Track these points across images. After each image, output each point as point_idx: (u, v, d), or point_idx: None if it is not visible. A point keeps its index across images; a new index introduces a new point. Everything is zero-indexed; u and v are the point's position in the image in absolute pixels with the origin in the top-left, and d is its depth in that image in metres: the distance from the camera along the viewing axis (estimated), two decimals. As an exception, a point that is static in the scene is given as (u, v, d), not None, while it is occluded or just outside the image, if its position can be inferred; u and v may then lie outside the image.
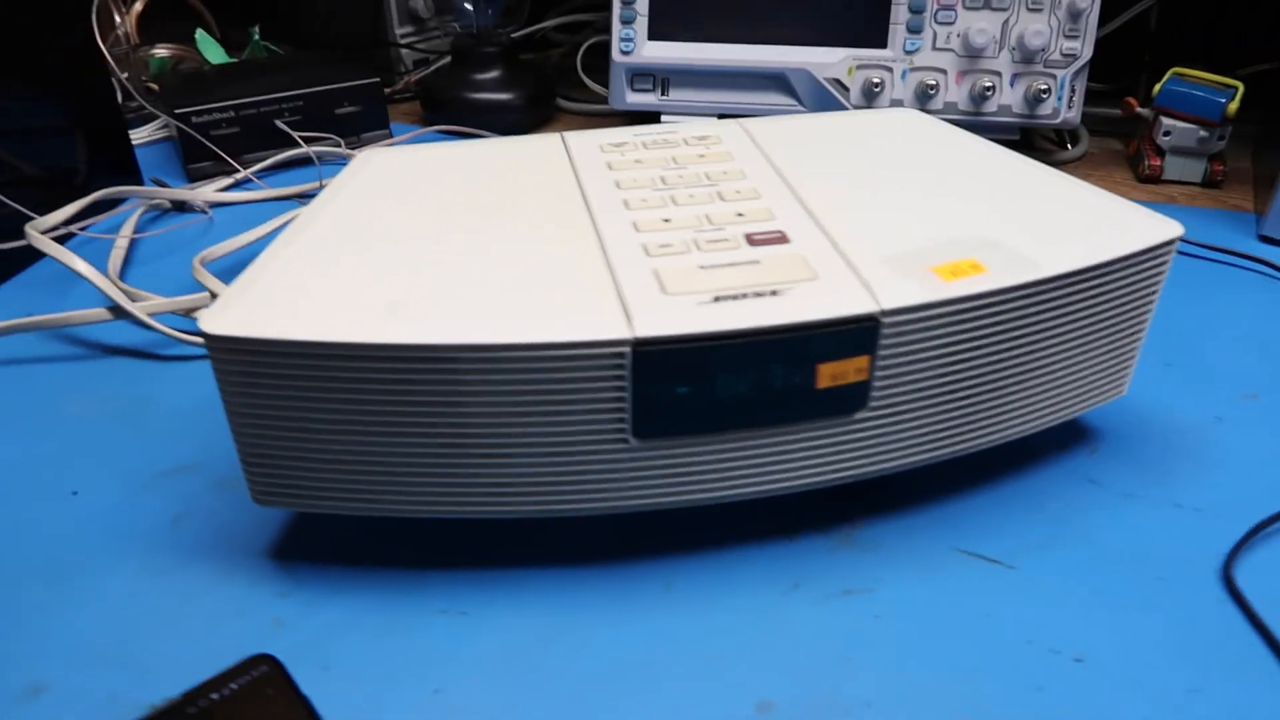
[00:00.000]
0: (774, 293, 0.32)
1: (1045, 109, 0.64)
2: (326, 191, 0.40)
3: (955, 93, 0.64)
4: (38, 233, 0.48)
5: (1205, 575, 0.35)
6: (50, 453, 0.42)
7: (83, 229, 0.57)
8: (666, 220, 0.37)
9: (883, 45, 0.64)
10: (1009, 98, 0.64)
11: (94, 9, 0.67)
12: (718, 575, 0.36)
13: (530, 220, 0.37)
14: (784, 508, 0.38)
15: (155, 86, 0.74)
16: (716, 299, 0.32)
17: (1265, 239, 0.58)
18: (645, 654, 0.33)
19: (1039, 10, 0.61)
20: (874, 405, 0.34)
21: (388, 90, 0.81)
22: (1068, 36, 0.62)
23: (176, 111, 0.64)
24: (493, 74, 0.74)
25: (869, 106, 0.66)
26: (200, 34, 0.74)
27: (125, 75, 0.71)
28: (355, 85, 0.68)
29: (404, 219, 0.37)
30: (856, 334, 0.32)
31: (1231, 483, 0.40)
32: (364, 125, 0.70)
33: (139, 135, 0.71)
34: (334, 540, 0.37)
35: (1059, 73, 0.63)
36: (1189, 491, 0.39)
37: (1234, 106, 0.62)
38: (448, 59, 0.78)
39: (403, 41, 0.80)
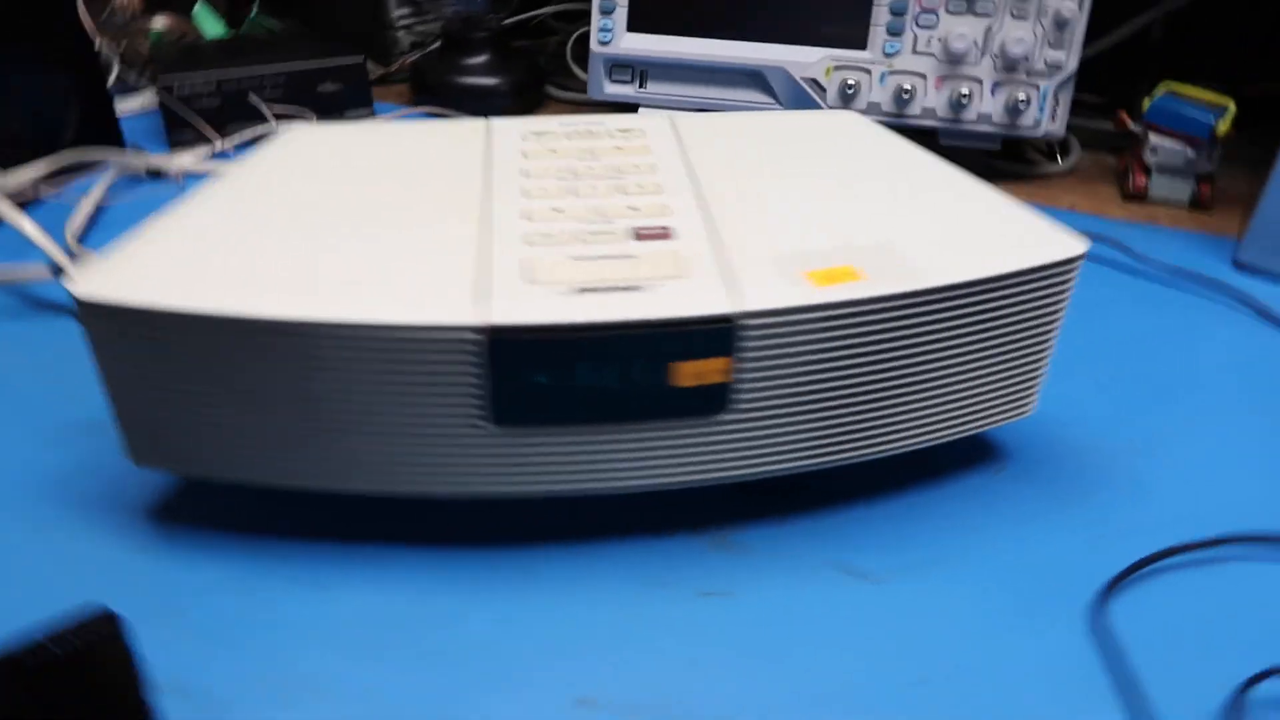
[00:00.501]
0: (638, 288, 0.32)
1: (1026, 120, 0.62)
2: (241, 163, 0.41)
3: (934, 98, 0.63)
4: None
5: (1077, 608, 0.34)
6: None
7: (56, 192, 0.59)
8: (558, 210, 0.36)
9: (862, 47, 0.63)
10: (989, 106, 0.62)
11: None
12: (582, 567, 0.35)
13: (425, 203, 0.37)
14: (661, 505, 0.38)
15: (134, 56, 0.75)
16: (579, 291, 0.32)
17: (1240, 265, 0.56)
18: (490, 638, 0.32)
19: (1023, 18, 0.60)
20: (738, 408, 0.33)
21: (384, 71, 0.82)
22: (1052, 46, 0.60)
23: (160, 83, 0.65)
24: (481, 59, 0.74)
25: (843, 107, 0.64)
26: (199, 8, 0.76)
27: (123, 45, 0.73)
28: (338, 64, 0.69)
29: (303, 194, 0.38)
30: (714, 334, 0.31)
31: (1140, 514, 0.38)
32: (347, 103, 0.71)
33: (131, 105, 0.72)
34: (215, 506, 0.38)
35: (1042, 83, 0.61)
36: (1091, 520, 0.38)
37: (1224, 126, 0.60)
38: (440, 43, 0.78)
39: (399, 23, 0.80)
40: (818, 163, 0.41)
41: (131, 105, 0.72)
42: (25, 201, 0.58)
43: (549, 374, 0.31)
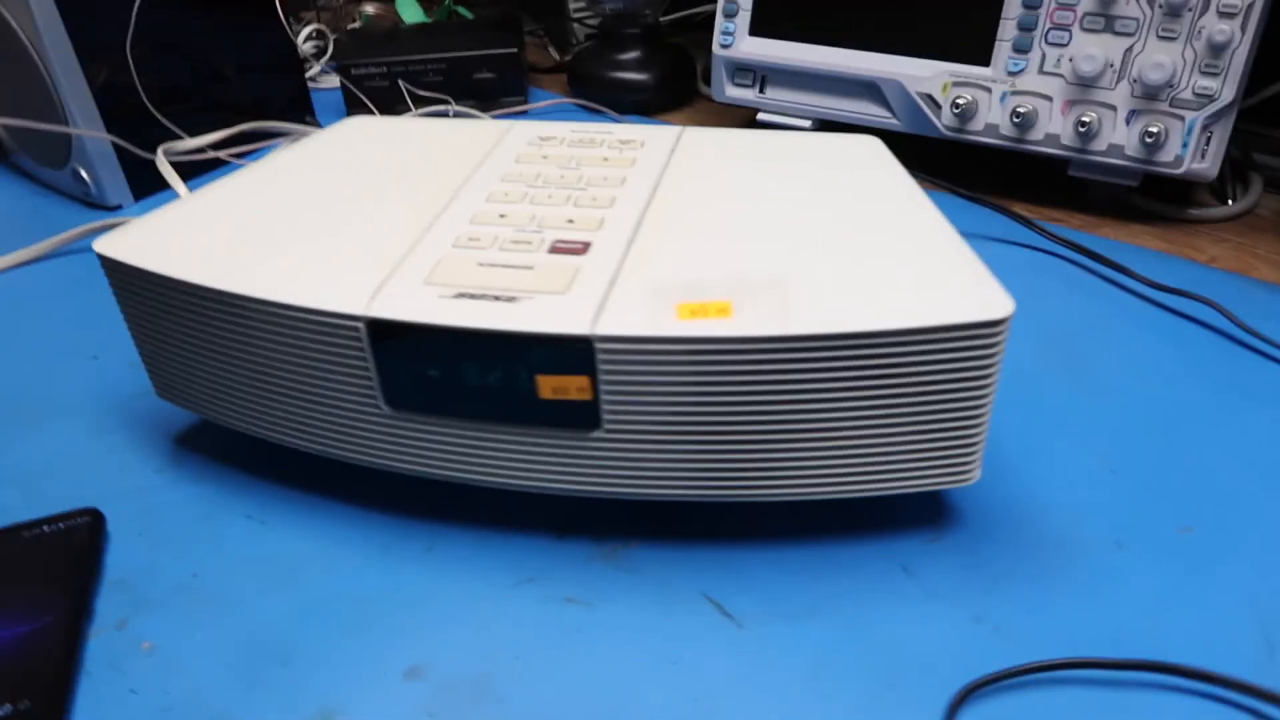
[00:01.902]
0: (512, 299, 0.34)
1: (1165, 155, 0.54)
2: (295, 145, 0.47)
3: (1059, 124, 0.57)
4: (164, 155, 0.60)
5: (935, 703, 0.31)
6: (95, 324, 0.54)
7: (237, 157, 0.69)
8: (502, 216, 0.39)
9: (984, 63, 0.58)
10: (1122, 137, 0.55)
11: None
12: (476, 551, 0.38)
13: (403, 199, 0.41)
14: (570, 508, 0.39)
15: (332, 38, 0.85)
16: (458, 295, 0.34)
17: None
18: (362, 598, 0.36)
19: (1171, 39, 0.52)
20: (609, 427, 0.34)
21: (559, 60, 0.86)
22: (1204, 73, 0.52)
23: (340, 64, 0.74)
24: (631, 54, 0.77)
25: (961, 129, 0.60)
26: (399, -4, 0.85)
27: (335, 26, 0.83)
28: (493, 54, 0.75)
29: (313, 182, 0.43)
30: (568, 353, 0.32)
31: (1073, 616, 0.34)
32: (501, 91, 0.77)
33: (333, 82, 0.83)
34: (217, 439, 0.45)
35: (1188, 115, 0.53)
36: (1008, 611, 0.35)
37: None
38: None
39: (575, 14, 0.85)
40: (790, 192, 0.40)
41: (334, 82, 0.83)
42: (212, 164, 0.69)
43: (423, 368, 0.34)
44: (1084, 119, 0.55)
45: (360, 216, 0.40)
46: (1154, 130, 0.53)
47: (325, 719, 0.32)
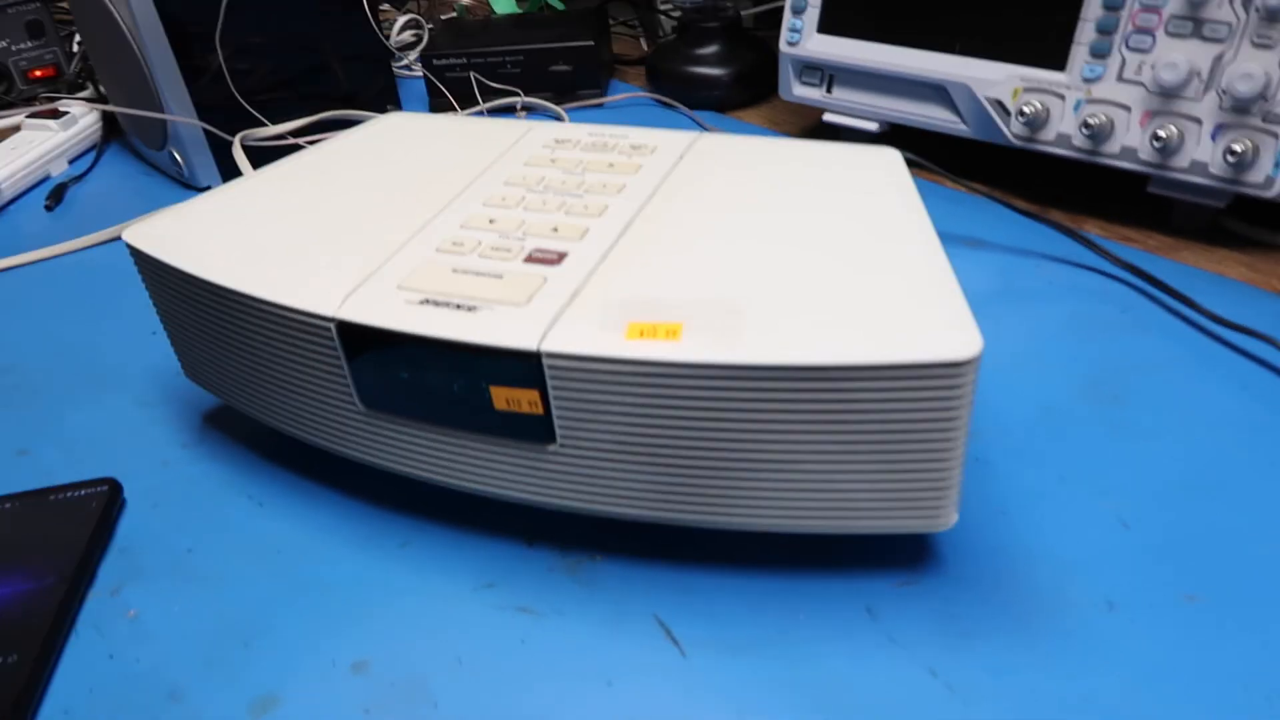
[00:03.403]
0: (473, 309, 0.34)
1: (1254, 175, 0.49)
2: (329, 142, 0.48)
3: (1137, 136, 0.52)
4: (241, 142, 0.64)
5: (864, 751, 0.30)
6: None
7: (314, 145, 0.72)
8: (491, 221, 0.39)
9: (1059, 67, 0.54)
10: (1206, 153, 0.50)
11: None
12: (447, 553, 0.39)
13: (412, 197, 0.42)
14: (539, 516, 0.40)
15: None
16: (423, 301, 0.34)
17: None
18: (330, 586, 0.37)
19: (1267, 47, 0.47)
20: (563, 442, 0.34)
21: (644, 53, 0.86)
22: (1305, 85, 0.47)
23: (424, 55, 0.76)
24: (709, 49, 0.76)
25: (1031, 138, 0.56)
26: (490, -14, 0.86)
27: (430, 19, 0.85)
28: (570, 47, 0.75)
29: (341, 176, 0.44)
30: (518, 366, 0.32)
31: (1042, 681, 0.32)
32: (578, 84, 0.77)
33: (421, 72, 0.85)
34: (242, 422, 0.47)
35: (1284, 131, 0.48)
36: (969, 669, 0.32)
37: None
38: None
39: (661, 7, 0.84)
40: (784, 207, 0.38)
41: (417, 73, 0.85)
42: (292, 151, 0.73)
43: (392, 371, 0.35)
44: (1163, 132, 0.50)
45: (364, 216, 0.41)
46: (1239, 148, 0.48)
47: (265, 704, 0.33)
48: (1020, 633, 0.33)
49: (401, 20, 0.87)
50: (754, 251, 0.36)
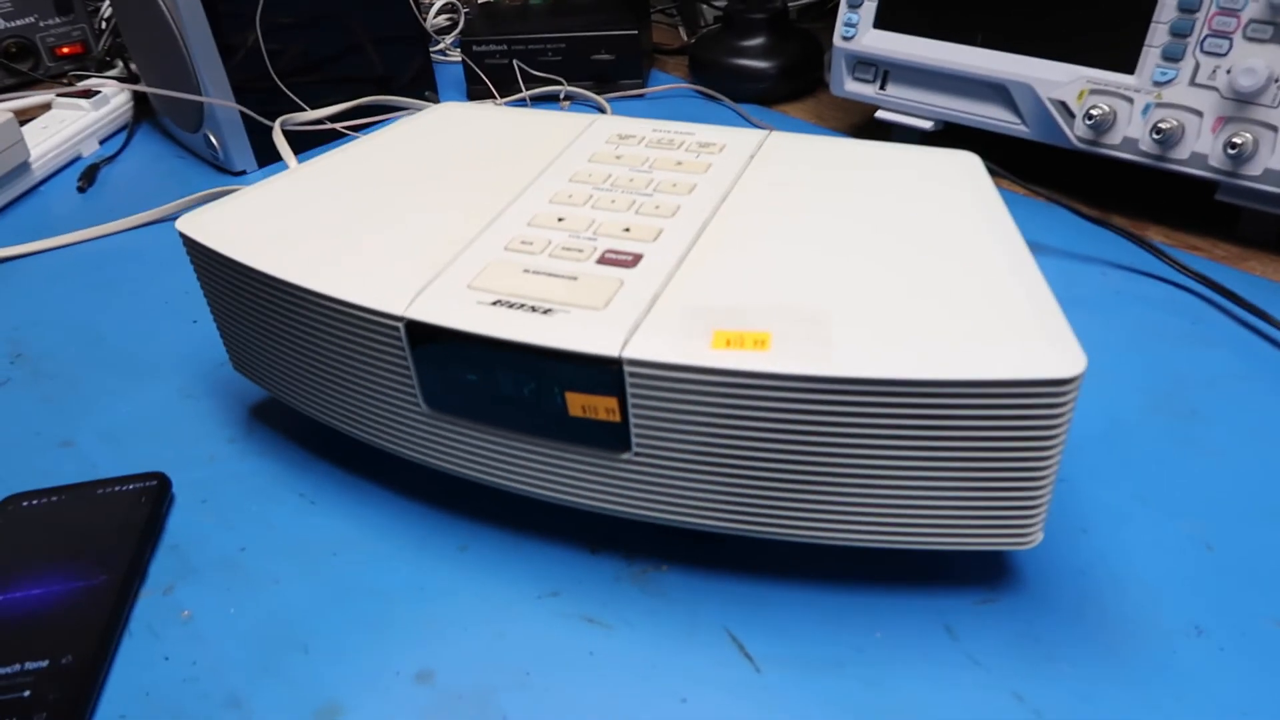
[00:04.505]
0: (548, 311, 0.33)
1: (1331, 185, 0.48)
2: (382, 132, 0.47)
3: (1208, 143, 0.51)
4: (281, 126, 0.62)
5: (952, 781, 0.29)
6: (199, 288, 0.56)
7: (354, 130, 0.71)
8: (560, 220, 0.38)
9: (1128, 70, 0.53)
10: (1281, 161, 0.49)
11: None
12: (508, 557, 0.38)
13: (468, 196, 0.41)
14: (604, 523, 0.39)
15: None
16: (496, 302, 0.33)
17: None
18: (389, 592, 0.36)
19: (1351, 53, 0.46)
20: (639, 450, 0.33)
21: (684, 43, 0.84)
22: (1389, 94, 0.45)
23: (464, 40, 0.75)
24: (756, 41, 0.74)
25: (1095, 141, 0.55)
26: (529, -28, 0.85)
27: (466, 3, 0.84)
28: (612, 35, 0.74)
29: (396, 167, 0.43)
30: (597, 373, 0.31)
31: (1131, 708, 0.31)
32: (619, 73, 0.76)
33: (459, 58, 0.84)
34: (290, 417, 0.46)
35: (1364, 141, 0.47)
36: (1055, 693, 0.31)
37: None
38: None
39: (704, -2, 0.82)
40: (864, 213, 0.37)
41: (459, 59, 0.84)
42: (330, 136, 0.71)
43: (460, 372, 0.34)
44: (1237, 139, 0.49)
45: (424, 211, 0.39)
46: (1319, 157, 0.47)
47: (331, 714, 0.32)
48: (1106, 657, 0.32)
49: (438, 4, 0.86)
50: (836, 258, 0.34)
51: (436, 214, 0.39)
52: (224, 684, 0.33)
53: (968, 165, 0.40)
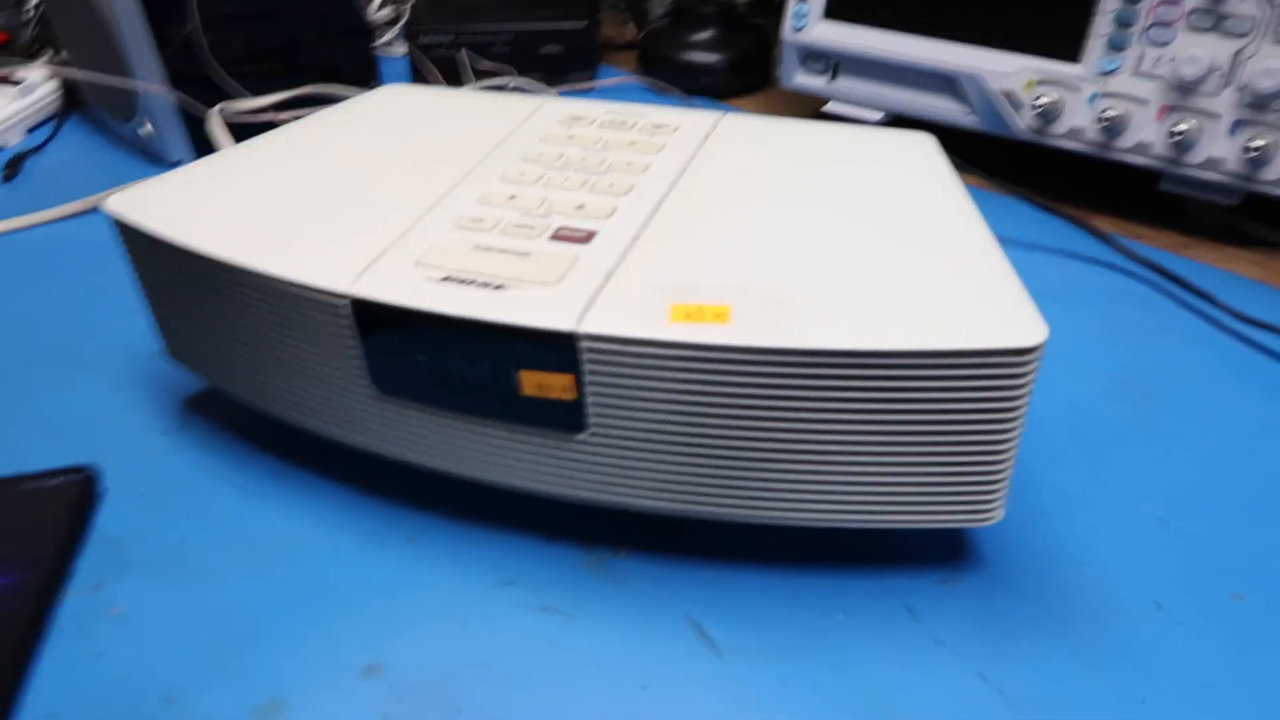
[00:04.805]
0: (500, 287, 0.32)
1: (1270, 173, 0.49)
2: (326, 112, 0.46)
3: (1153, 131, 0.52)
4: (218, 114, 0.60)
5: (919, 760, 0.29)
6: (125, 281, 0.54)
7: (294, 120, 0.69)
8: (512, 197, 0.37)
9: (1073, 59, 0.54)
10: (1223, 149, 0.50)
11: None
12: (460, 547, 0.36)
13: (421, 170, 0.39)
14: (558, 510, 0.37)
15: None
16: (446, 279, 0.32)
17: None
18: (336, 585, 0.35)
19: (1289, 43, 0.47)
20: (595, 431, 0.32)
21: (634, 37, 0.84)
22: (1325, 83, 0.46)
23: (409, 31, 0.73)
24: (706, 35, 0.74)
25: (1043, 131, 0.55)
26: (477, -35, 0.83)
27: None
28: (562, 28, 0.73)
29: (340, 147, 0.42)
30: (552, 350, 0.30)
31: (1094, 684, 0.31)
32: (569, 66, 0.75)
33: (404, 50, 0.82)
34: (229, 408, 0.44)
35: (1302, 129, 0.48)
36: (1019, 672, 0.31)
37: None
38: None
39: (654, -8, 0.82)
40: (822, 191, 0.37)
41: (403, 51, 0.82)
42: (270, 127, 0.69)
43: (409, 353, 0.32)
44: (1181, 127, 0.50)
45: (371, 189, 0.38)
46: (1259, 144, 0.48)
47: (273, 710, 0.30)
48: (1068, 635, 0.32)
49: (382, -5, 0.84)
50: (794, 236, 0.34)
51: (383, 192, 0.38)
52: (161, 681, 0.31)
53: (923, 145, 0.40)
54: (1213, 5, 0.48)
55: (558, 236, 0.34)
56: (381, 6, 0.86)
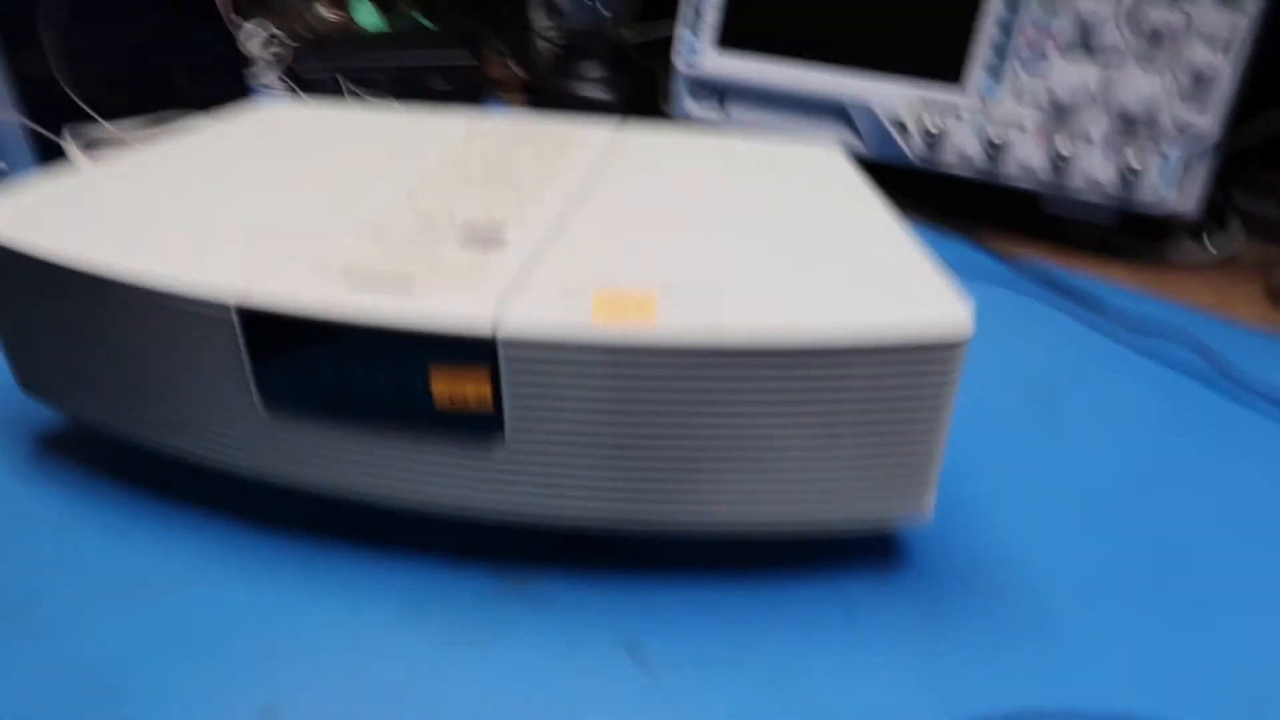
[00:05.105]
0: (408, 288, 0.29)
1: (1143, 190, 0.52)
2: (207, 127, 0.43)
3: (1033, 154, 0.54)
4: (71, 136, 0.56)
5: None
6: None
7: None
8: (413, 207, 0.35)
9: (957, 84, 0.56)
10: (1100, 170, 0.52)
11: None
12: (361, 578, 0.33)
13: (312, 182, 0.37)
14: (467, 532, 0.35)
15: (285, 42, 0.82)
16: (347, 283, 0.30)
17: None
18: (220, 623, 0.31)
19: (1152, 68, 0.50)
20: (514, 442, 0.30)
21: (522, 76, 0.83)
22: (1186, 104, 0.49)
23: (290, 68, 0.71)
24: (594, 73, 0.74)
25: (929, 155, 0.57)
26: (360, 2, 0.82)
27: (286, 27, 0.80)
28: (449, 64, 0.72)
29: (222, 161, 0.39)
30: (468, 354, 0.28)
31: (1032, 670, 0.30)
32: (456, 101, 0.73)
33: (283, 87, 0.79)
34: (95, 444, 0.40)
35: (1169, 148, 0.50)
36: (959, 662, 0.30)
37: None
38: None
39: (542, 30, 0.82)
40: (735, 193, 0.36)
41: (282, 87, 0.79)
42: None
43: (303, 365, 0.30)
44: (1060, 151, 0.52)
45: (257, 201, 0.35)
46: (1133, 164, 0.51)
47: (150, 771, 0.27)
48: (1001, 629, 0.32)
49: (255, 31, 0.81)
50: (711, 237, 0.33)
51: (271, 203, 0.35)
52: (11, 751, 0.27)
53: (831, 155, 0.40)
54: (1080, 35, 0.51)
55: (467, 243, 0.32)
56: (264, 44, 0.83)
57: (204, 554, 0.34)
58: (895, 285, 0.30)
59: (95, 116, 0.61)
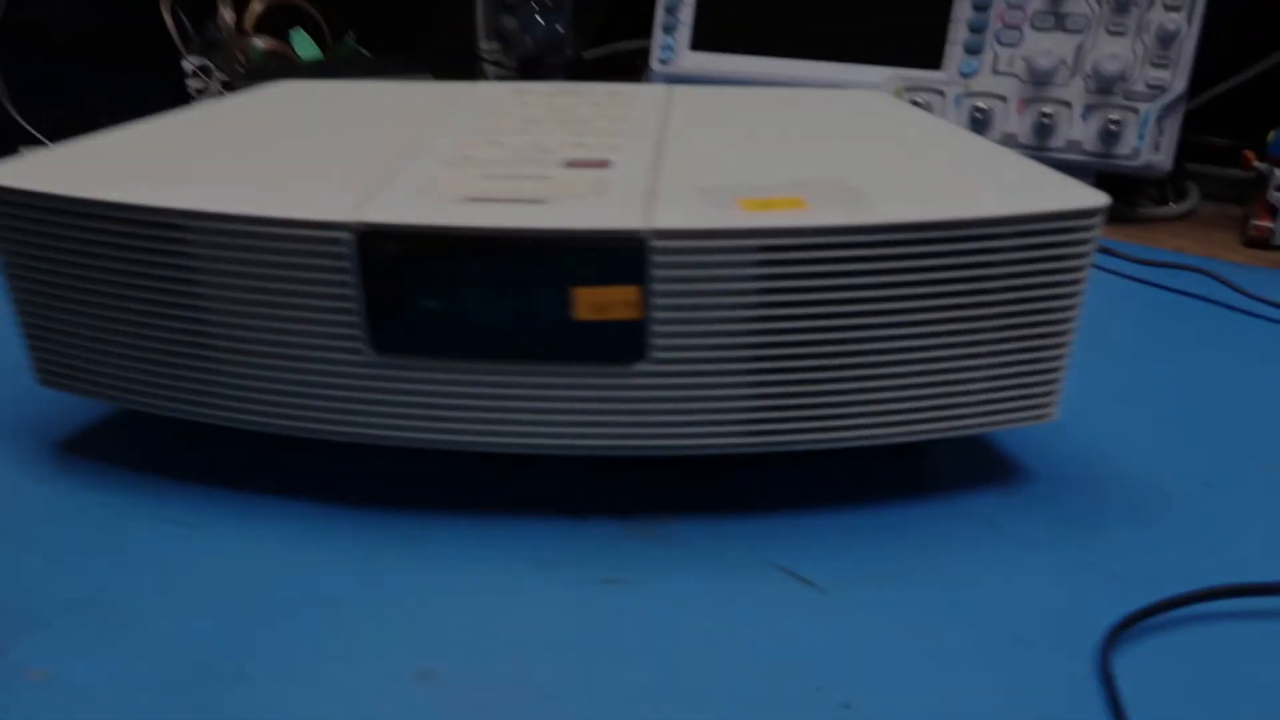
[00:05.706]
0: (539, 201, 0.28)
1: (1122, 148, 0.55)
2: (226, 99, 0.40)
3: (1015, 123, 0.57)
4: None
5: (1079, 646, 0.26)
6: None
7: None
8: (497, 144, 0.33)
9: (936, 66, 0.58)
10: (1079, 132, 0.55)
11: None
12: (469, 543, 0.30)
13: (372, 130, 0.35)
14: (576, 489, 0.33)
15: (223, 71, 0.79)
16: (469, 200, 0.28)
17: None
18: (334, 600, 0.28)
19: (1120, 34, 0.53)
20: (656, 356, 0.28)
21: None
22: (1155, 65, 0.53)
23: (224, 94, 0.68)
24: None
25: (916, 132, 0.59)
26: (295, 32, 0.80)
27: (221, 59, 0.76)
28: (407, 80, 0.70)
29: (260, 121, 0.36)
30: (617, 254, 0.27)
31: (1187, 551, 0.30)
32: (417, 122, 0.72)
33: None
34: (123, 442, 0.36)
35: (1142, 106, 0.54)
36: (1116, 553, 0.30)
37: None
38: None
39: (489, 55, 0.81)
40: (823, 126, 0.36)
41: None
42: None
43: (425, 289, 0.27)
44: (1048, 115, 0.55)
45: (325, 148, 0.33)
46: (1117, 122, 0.54)
47: (315, 736, 0.23)
48: (1140, 519, 0.32)
49: (192, 63, 0.77)
50: (818, 157, 0.33)
51: (340, 150, 0.33)
52: (141, 735, 0.23)
53: (882, 96, 0.41)
54: (1052, 7, 0.54)
55: (573, 165, 0.31)
56: (194, 76, 0.79)
57: (289, 537, 0.31)
58: (1018, 177, 0.30)
59: (41, 140, 0.56)
